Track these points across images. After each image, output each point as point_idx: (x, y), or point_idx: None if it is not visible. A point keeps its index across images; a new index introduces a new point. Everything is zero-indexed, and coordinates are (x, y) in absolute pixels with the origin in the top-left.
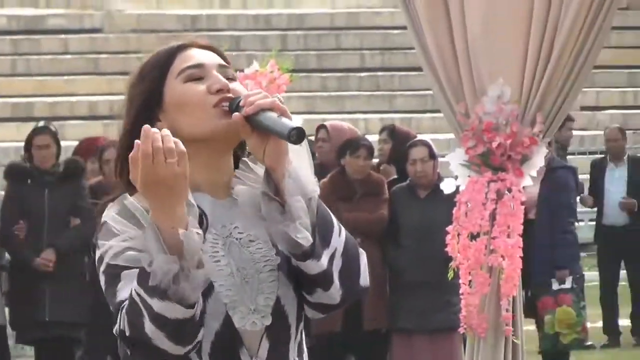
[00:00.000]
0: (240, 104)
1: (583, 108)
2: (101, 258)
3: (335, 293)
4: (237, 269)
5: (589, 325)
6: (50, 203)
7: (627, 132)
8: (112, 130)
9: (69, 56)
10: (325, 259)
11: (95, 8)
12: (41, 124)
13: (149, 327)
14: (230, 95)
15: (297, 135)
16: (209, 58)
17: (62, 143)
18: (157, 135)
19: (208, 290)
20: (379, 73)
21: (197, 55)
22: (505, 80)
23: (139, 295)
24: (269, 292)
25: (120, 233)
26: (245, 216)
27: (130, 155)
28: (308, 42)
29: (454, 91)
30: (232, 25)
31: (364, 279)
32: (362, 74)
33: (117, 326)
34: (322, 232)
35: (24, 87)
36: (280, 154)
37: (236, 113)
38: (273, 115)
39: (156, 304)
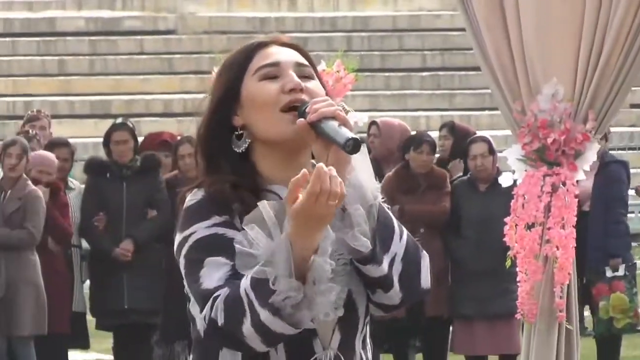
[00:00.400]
0: (307, 110)
1: (633, 106)
2: (182, 243)
3: (394, 295)
4: None
5: None
6: (128, 196)
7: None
8: (185, 127)
9: (144, 56)
10: (386, 264)
11: (169, 10)
12: (119, 120)
13: (247, 328)
14: (302, 96)
15: (352, 146)
16: (287, 56)
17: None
18: (326, 177)
19: None
20: (440, 73)
21: (275, 53)
22: (559, 79)
23: (248, 298)
24: (341, 285)
25: (206, 218)
26: None
27: (293, 180)
28: (372, 43)
29: (510, 90)
30: (299, 27)
31: (425, 281)
32: (424, 74)
33: (206, 311)
34: (382, 238)
35: (101, 86)
36: (341, 161)
37: (300, 119)
38: (334, 124)
39: (264, 315)
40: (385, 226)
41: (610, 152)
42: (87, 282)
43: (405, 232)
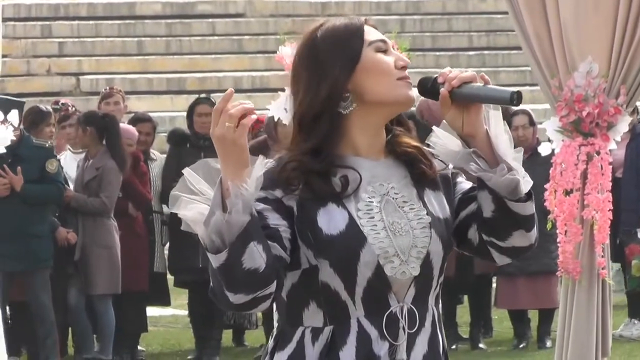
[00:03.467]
0: (439, 80)
1: None
2: None
3: (534, 234)
4: (391, 223)
5: None
6: None
7: None
8: (254, 102)
9: (215, 37)
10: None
11: None
12: (203, 95)
13: (211, 275)
14: (409, 76)
15: (518, 98)
16: (385, 39)
17: None
18: (229, 97)
19: (360, 242)
20: (485, 52)
21: (375, 32)
22: (594, 57)
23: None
24: (421, 247)
25: (264, 188)
26: (398, 179)
27: (215, 108)
28: (423, 26)
29: (549, 67)
30: (357, 11)
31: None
32: (470, 53)
33: None
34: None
35: (176, 65)
36: (480, 121)
37: (443, 90)
38: (479, 85)
39: (209, 254)
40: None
41: None
42: (168, 244)
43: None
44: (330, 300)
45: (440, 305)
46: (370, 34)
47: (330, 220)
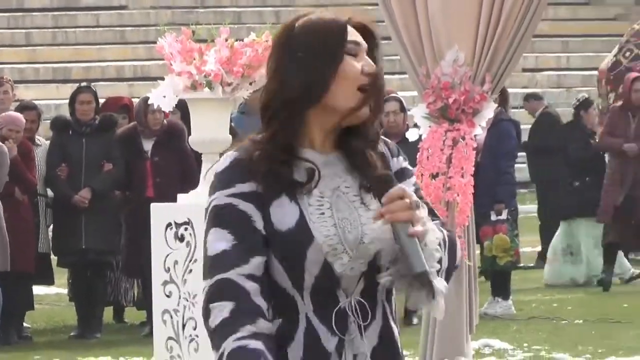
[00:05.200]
0: (383, 201)
1: (525, 70)
2: (207, 208)
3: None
4: (341, 219)
5: (529, 249)
6: (87, 150)
7: (560, 90)
8: (136, 90)
9: (99, 29)
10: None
11: None
12: (84, 84)
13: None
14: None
15: (422, 277)
16: (361, 39)
17: None
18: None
19: (308, 241)
20: None
21: (353, 33)
22: (460, 46)
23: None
24: (369, 242)
25: (227, 187)
26: (348, 173)
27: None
28: None
29: (417, 56)
30: (235, 3)
31: (458, 261)
32: None
33: (204, 295)
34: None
35: (63, 55)
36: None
37: (379, 215)
38: (406, 240)
39: None
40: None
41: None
42: (52, 226)
43: (446, 237)
44: (278, 295)
45: (393, 300)
46: (350, 34)
47: (281, 215)
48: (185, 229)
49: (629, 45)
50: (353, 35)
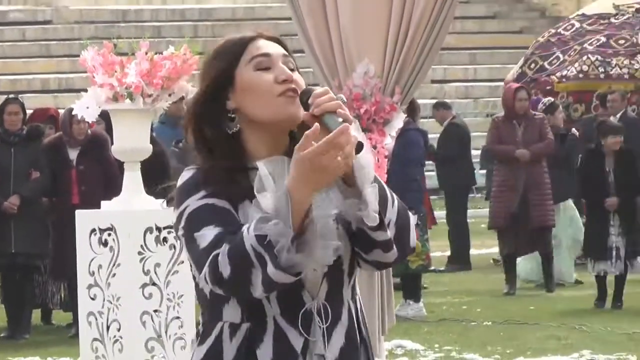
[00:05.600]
0: (309, 101)
1: (433, 81)
2: (179, 218)
3: (392, 255)
4: None
5: (439, 254)
6: (15, 159)
7: (468, 100)
8: (61, 102)
9: (26, 43)
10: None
11: (46, 4)
12: (12, 96)
13: (256, 280)
14: (293, 86)
15: (357, 148)
16: (275, 49)
17: None
18: (349, 135)
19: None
20: None
21: (264, 46)
22: (370, 59)
23: (256, 251)
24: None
25: (195, 192)
26: None
27: (307, 132)
28: (215, 31)
29: (329, 69)
30: (155, 18)
31: (413, 240)
32: None
33: (205, 269)
34: (382, 208)
35: None
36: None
37: (306, 113)
38: (337, 120)
39: (271, 269)
40: (384, 197)
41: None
42: None
43: (396, 198)
44: (244, 300)
45: (358, 299)
46: (259, 48)
47: (244, 219)
48: (109, 235)
49: (534, 57)
50: (263, 48)
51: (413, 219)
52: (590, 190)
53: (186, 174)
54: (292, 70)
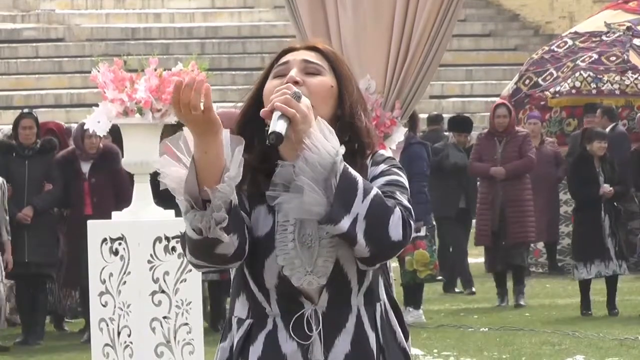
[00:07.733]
0: (271, 97)
1: (431, 97)
2: None
3: (361, 249)
4: (301, 235)
5: None
6: (29, 172)
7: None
8: (73, 116)
9: (39, 59)
10: (346, 223)
11: (59, 23)
12: (26, 110)
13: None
14: (293, 88)
15: (271, 138)
16: (297, 55)
17: None
18: (179, 89)
19: (267, 252)
20: None
21: (290, 55)
22: (372, 76)
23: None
24: (327, 256)
25: None
26: None
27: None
28: (221, 48)
29: None
30: (163, 36)
31: (396, 234)
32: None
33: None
34: (343, 199)
35: (4, 84)
36: (304, 134)
37: (263, 109)
38: (276, 115)
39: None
40: (347, 188)
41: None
42: None
43: (374, 191)
44: (250, 297)
45: (380, 304)
46: (284, 58)
47: (256, 223)
48: (120, 244)
49: (529, 74)
50: (287, 57)
51: (422, 230)
52: (582, 189)
53: None
54: (312, 74)
